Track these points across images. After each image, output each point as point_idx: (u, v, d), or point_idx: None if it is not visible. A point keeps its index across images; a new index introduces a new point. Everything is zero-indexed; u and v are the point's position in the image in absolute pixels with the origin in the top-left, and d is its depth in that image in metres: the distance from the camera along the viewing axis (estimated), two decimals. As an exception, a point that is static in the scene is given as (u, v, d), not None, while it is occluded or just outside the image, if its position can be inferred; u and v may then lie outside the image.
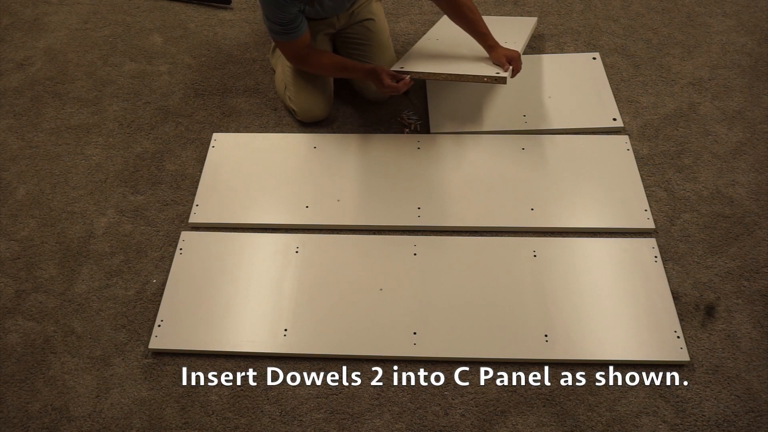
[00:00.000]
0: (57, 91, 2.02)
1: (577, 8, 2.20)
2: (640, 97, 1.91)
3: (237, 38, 2.16)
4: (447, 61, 1.71)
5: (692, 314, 1.47)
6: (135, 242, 1.65)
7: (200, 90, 2.00)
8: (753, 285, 1.51)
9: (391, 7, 2.24)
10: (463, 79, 1.63)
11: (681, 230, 1.61)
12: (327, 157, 1.78)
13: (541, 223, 1.61)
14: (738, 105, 1.88)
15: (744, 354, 1.41)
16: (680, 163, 1.75)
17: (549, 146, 1.77)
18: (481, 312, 1.46)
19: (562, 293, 1.48)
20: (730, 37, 2.08)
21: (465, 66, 1.66)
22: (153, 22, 2.24)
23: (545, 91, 1.91)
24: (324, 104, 1.83)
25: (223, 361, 1.44)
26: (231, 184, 1.73)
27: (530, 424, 1.33)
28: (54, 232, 1.68)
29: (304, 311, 1.48)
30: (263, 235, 1.63)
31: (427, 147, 1.79)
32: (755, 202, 1.66)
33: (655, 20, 2.15)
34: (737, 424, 1.32)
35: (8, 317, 1.53)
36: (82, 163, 1.83)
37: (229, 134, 1.86)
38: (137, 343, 1.47)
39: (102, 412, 1.38)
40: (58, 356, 1.46)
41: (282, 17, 1.56)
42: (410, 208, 1.65)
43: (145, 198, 1.74)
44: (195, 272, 1.56)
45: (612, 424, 1.32)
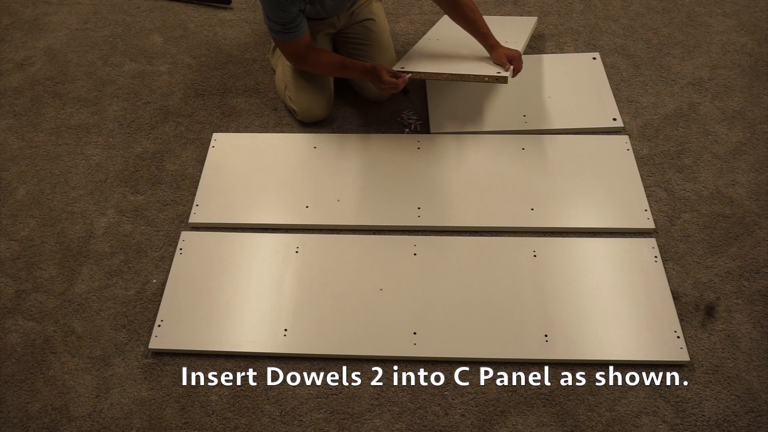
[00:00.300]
0: (57, 91, 2.02)
1: (577, 8, 2.20)
2: (640, 97, 1.91)
3: (237, 38, 2.16)
4: (448, 61, 1.71)
5: (692, 314, 1.47)
6: (135, 242, 1.65)
7: (200, 90, 2.00)
8: (753, 285, 1.51)
9: (391, 7, 2.24)
10: (464, 78, 1.63)
11: (681, 230, 1.61)
12: (327, 157, 1.78)
13: (541, 223, 1.61)
14: (738, 105, 1.88)
15: (744, 354, 1.41)
16: (680, 163, 1.75)
17: (549, 146, 1.77)
18: (481, 312, 1.46)
19: (562, 293, 1.48)
20: (730, 37, 2.08)
21: (466, 66, 1.66)
22: (153, 22, 2.24)
23: (545, 91, 1.91)
24: (324, 104, 1.83)
25: (223, 361, 1.44)
26: (231, 184, 1.73)
27: (530, 424, 1.33)
28: (54, 232, 1.68)
29: (304, 311, 1.48)
30: (263, 235, 1.63)
31: (427, 147, 1.79)
32: (755, 202, 1.66)
33: (655, 20, 2.15)
34: (737, 424, 1.32)
35: (8, 317, 1.53)
36: (82, 163, 1.83)
37: (229, 134, 1.86)
38: (137, 343, 1.47)
39: (102, 412, 1.38)
40: (58, 356, 1.46)
41: (282, 16, 1.56)
42: (410, 208, 1.65)
43: (145, 198, 1.74)
44: (195, 272, 1.56)
45: (612, 424, 1.32)
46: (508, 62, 1.63)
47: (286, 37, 1.62)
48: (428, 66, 1.68)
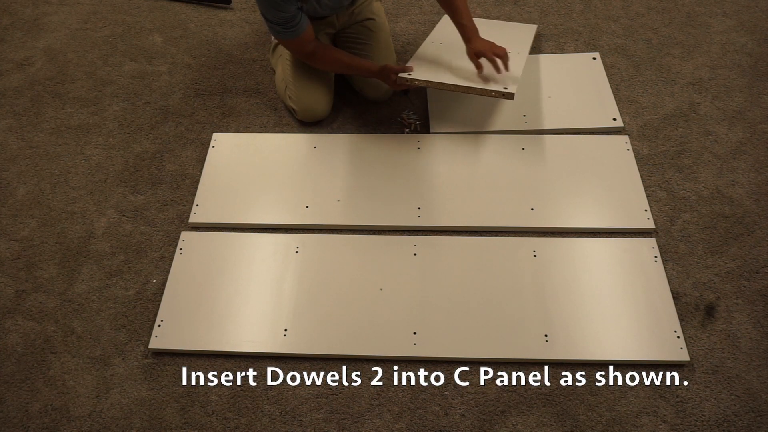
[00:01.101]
0: (57, 91, 2.02)
1: (577, 8, 2.20)
2: (640, 97, 1.91)
3: (237, 38, 2.16)
4: (454, 70, 1.69)
5: (692, 314, 1.47)
6: (135, 242, 1.65)
7: (200, 90, 2.00)
8: (753, 285, 1.51)
9: (391, 7, 2.24)
10: (470, 91, 1.63)
11: (681, 230, 1.61)
12: (327, 157, 1.78)
13: (541, 223, 1.61)
14: (738, 105, 1.88)
15: (744, 354, 1.41)
16: (680, 163, 1.75)
17: (549, 146, 1.77)
18: (481, 312, 1.46)
19: (562, 293, 1.48)
20: (730, 37, 2.08)
21: (473, 78, 1.65)
22: (153, 22, 2.24)
23: (545, 91, 1.91)
24: (324, 103, 1.83)
25: (223, 361, 1.44)
26: (231, 184, 1.73)
27: (530, 424, 1.33)
28: (54, 232, 1.68)
29: (304, 311, 1.48)
30: (263, 235, 1.63)
31: (427, 147, 1.79)
32: (755, 202, 1.66)
33: (655, 20, 2.15)
34: (737, 424, 1.32)
35: (8, 317, 1.53)
36: (82, 163, 1.83)
37: (229, 134, 1.86)
38: (137, 343, 1.47)
39: (102, 412, 1.38)
40: (58, 356, 1.46)
41: (280, 16, 1.56)
42: (410, 208, 1.65)
43: (145, 198, 1.74)
44: (195, 272, 1.56)
45: (612, 424, 1.32)
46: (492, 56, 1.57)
47: (287, 36, 1.62)
48: (434, 74, 1.67)
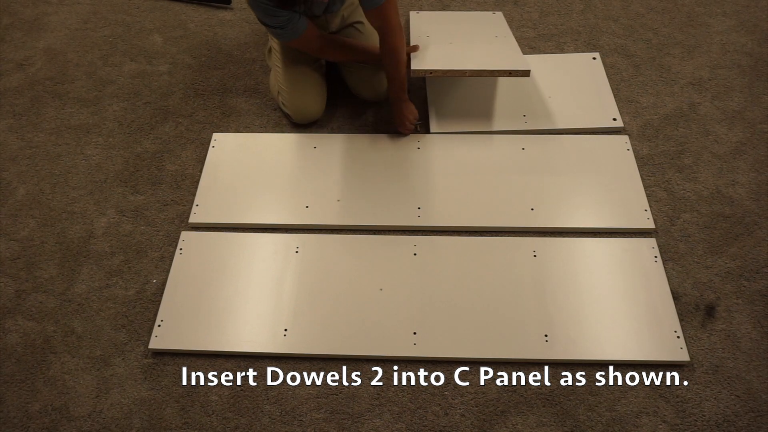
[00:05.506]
0: (57, 91, 2.02)
1: (577, 8, 2.20)
2: (640, 97, 1.91)
3: (237, 38, 2.16)
4: (460, 57, 1.69)
5: (692, 314, 1.47)
6: (135, 242, 1.65)
7: (200, 90, 2.00)
8: (753, 285, 1.51)
9: (391, 7, 2.24)
10: (486, 74, 1.62)
11: (681, 230, 1.61)
12: (327, 157, 1.78)
13: (541, 223, 1.61)
14: (738, 105, 1.88)
15: (744, 354, 1.41)
16: (680, 163, 1.75)
17: (549, 146, 1.77)
18: (481, 312, 1.46)
19: (562, 293, 1.48)
20: (730, 37, 2.08)
21: (485, 61, 1.65)
22: (153, 22, 2.24)
23: (545, 91, 1.91)
24: (317, 104, 1.82)
25: (223, 361, 1.44)
26: (231, 184, 1.73)
27: (530, 424, 1.33)
28: (54, 232, 1.68)
29: (304, 311, 1.48)
30: (263, 235, 1.63)
31: (427, 147, 1.79)
32: (755, 202, 1.66)
33: (655, 20, 2.15)
34: (737, 424, 1.32)
35: (8, 317, 1.53)
36: (82, 163, 1.83)
37: (229, 134, 1.86)
38: (137, 343, 1.47)
39: (102, 412, 1.38)
40: (58, 356, 1.46)
41: (276, 21, 1.56)
42: (410, 208, 1.65)
43: (145, 198, 1.74)
44: (195, 272, 1.56)
45: (612, 424, 1.32)
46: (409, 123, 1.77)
47: (290, 36, 1.62)
48: (446, 63, 1.66)
